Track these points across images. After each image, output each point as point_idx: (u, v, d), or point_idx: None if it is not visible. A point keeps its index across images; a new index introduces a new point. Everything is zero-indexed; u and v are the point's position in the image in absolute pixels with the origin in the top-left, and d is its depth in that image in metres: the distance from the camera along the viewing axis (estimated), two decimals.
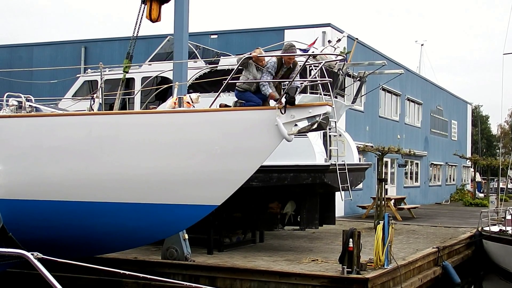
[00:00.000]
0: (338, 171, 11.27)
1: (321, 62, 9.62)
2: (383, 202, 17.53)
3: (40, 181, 8.93)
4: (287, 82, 8.37)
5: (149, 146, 8.49)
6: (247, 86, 8.52)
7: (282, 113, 7.83)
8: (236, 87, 8.64)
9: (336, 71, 13.07)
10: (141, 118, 8.91)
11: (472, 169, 38.32)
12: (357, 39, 15.66)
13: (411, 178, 30.05)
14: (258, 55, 8.50)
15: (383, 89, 25.36)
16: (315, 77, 10.05)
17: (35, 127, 9.07)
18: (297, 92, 8.12)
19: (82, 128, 8.82)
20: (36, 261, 4.27)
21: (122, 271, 4.70)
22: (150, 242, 10.56)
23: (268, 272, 9.94)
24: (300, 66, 8.78)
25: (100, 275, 9.93)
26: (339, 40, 12.83)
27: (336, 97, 12.86)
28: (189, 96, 9.02)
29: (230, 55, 14.01)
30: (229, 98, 10.13)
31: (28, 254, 4.30)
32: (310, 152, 11.66)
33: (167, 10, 10.96)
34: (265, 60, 8.61)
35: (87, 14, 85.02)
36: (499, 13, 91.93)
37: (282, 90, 8.55)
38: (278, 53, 9.22)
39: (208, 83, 12.19)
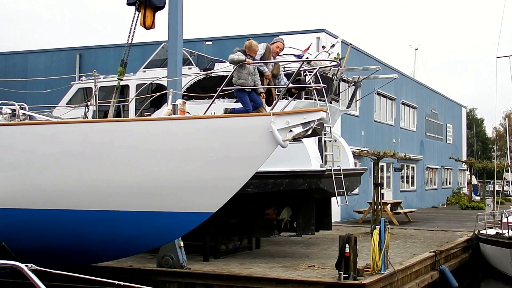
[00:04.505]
0: (333, 177, 11.25)
1: (316, 68, 9.63)
2: (379, 207, 17.51)
3: (34, 189, 8.88)
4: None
5: (143, 154, 8.45)
6: (243, 81, 8.53)
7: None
8: (234, 83, 8.65)
9: (331, 76, 13.07)
10: (135, 126, 8.88)
11: (468, 172, 38.42)
12: (351, 44, 15.68)
13: (407, 182, 30.07)
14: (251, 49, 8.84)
15: (378, 94, 25.40)
16: (310, 83, 10.04)
17: (29, 135, 9.02)
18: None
19: (76, 136, 8.78)
20: (30, 273, 4.23)
21: (117, 282, 4.66)
22: (145, 250, 10.51)
23: (264, 279, 9.90)
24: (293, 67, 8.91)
25: (94, 285, 9.85)
26: (333, 45, 12.83)
27: (331, 102, 12.87)
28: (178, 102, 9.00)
29: (224, 62, 13.98)
30: (224, 105, 10.12)
31: (22, 265, 4.27)
32: (306, 157, 11.63)
33: (161, 17, 10.95)
34: (257, 53, 8.86)
35: (83, 21, 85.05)
36: (492, 17, 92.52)
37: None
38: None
39: (203, 90, 12.16)
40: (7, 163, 9.01)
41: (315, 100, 11.39)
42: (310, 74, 10.31)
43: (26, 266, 4.23)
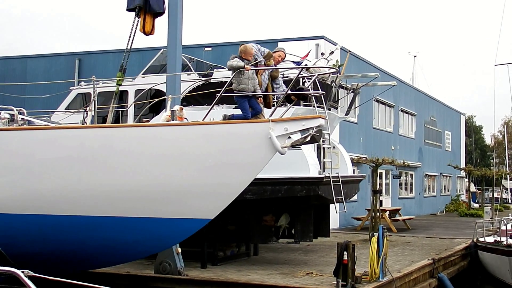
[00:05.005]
0: (332, 183, 11.24)
1: (314, 75, 9.65)
2: (378, 214, 17.50)
3: (32, 195, 8.85)
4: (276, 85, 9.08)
5: (142, 160, 8.44)
6: (243, 86, 8.53)
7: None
8: (234, 90, 8.65)
9: (330, 83, 13.09)
10: (134, 131, 8.87)
11: (466, 180, 38.42)
12: (350, 51, 15.73)
13: (405, 189, 30.06)
14: (244, 52, 8.93)
15: (377, 101, 25.44)
16: (308, 90, 10.05)
17: (27, 140, 9.00)
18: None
19: (74, 141, 8.76)
20: (26, 279, 4.21)
21: None
22: (143, 256, 10.47)
23: (262, 286, 9.86)
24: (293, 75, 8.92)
25: None
26: (332, 52, 12.87)
27: (329, 109, 12.87)
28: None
29: (224, 68, 14.00)
30: (223, 111, 10.13)
31: (19, 271, 4.25)
32: (304, 164, 11.62)
33: (161, 22, 10.98)
34: (252, 56, 8.87)
35: (83, 25, 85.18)
36: (491, 24, 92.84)
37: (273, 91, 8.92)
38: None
39: (202, 96, 12.17)
40: (5, 168, 8.98)
41: (314, 107, 11.38)
42: (309, 81, 10.32)
43: (23, 272, 4.20)
